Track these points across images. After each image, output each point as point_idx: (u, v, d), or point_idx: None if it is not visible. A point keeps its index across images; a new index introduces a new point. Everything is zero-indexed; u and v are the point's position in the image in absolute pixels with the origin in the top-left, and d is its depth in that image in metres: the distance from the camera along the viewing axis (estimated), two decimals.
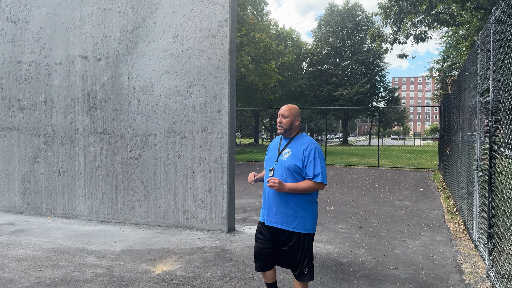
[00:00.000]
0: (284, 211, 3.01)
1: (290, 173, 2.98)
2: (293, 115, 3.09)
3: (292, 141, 3.10)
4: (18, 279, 4.05)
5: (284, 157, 3.04)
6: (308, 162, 2.95)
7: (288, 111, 3.09)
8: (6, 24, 7.11)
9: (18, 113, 7.04)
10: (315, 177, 2.93)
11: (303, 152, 2.98)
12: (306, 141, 3.06)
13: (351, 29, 49.88)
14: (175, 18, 6.11)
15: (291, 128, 3.09)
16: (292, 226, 3.00)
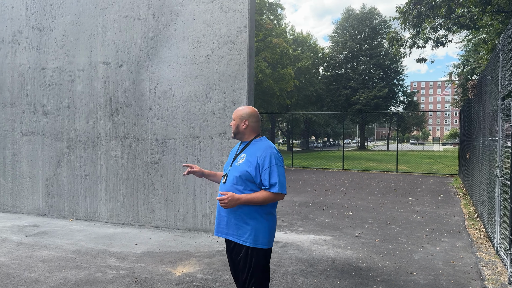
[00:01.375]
0: (235, 222, 2.72)
1: (242, 181, 2.68)
2: (238, 118, 2.80)
3: (250, 145, 2.79)
4: (43, 279, 4.17)
5: (238, 162, 2.75)
6: (263, 170, 2.64)
7: (235, 113, 2.84)
8: (31, 32, 7.34)
9: (42, 118, 7.25)
10: (271, 187, 2.62)
11: (257, 158, 2.66)
12: (262, 146, 2.73)
13: (368, 33, 49.58)
14: (195, 25, 6.22)
15: (239, 132, 2.81)
16: (242, 239, 2.70)
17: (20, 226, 6.50)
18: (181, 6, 6.27)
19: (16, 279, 4.17)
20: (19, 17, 7.45)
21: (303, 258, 4.95)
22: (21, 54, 7.42)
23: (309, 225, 6.86)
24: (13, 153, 7.50)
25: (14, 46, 7.48)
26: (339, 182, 13.64)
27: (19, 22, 7.44)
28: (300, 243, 5.62)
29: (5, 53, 7.56)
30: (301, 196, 10.28)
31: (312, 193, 10.77)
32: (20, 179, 7.45)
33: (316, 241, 5.75)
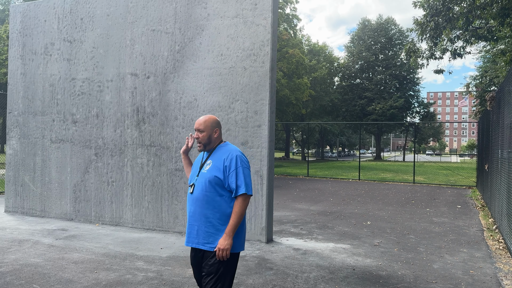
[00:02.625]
0: (206, 230, 2.69)
1: (212, 187, 2.68)
2: (209, 128, 2.79)
3: (214, 151, 2.82)
4: (77, 280, 4.40)
5: (205, 169, 2.75)
6: (230, 173, 2.68)
7: (204, 124, 2.78)
8: (63, 44, 7.71)
9: (71, 126, 7.57)
10: (238, 188, 2.66)
11: (223, 162, 2.70)
12: (227, 150, 2.78)
13: (384, 43, 49.57)
14: (219, 38, 6.48)
15: (210, 142, 2.81)
16: (214, 246, 2.67)
17: (50, 229, 6.79)
18: (206, 20, 6.54)
19: (51, 279, 4.41)
20: (51, 30, 7.83)
21: (324, 265, 5.09)
22: (52, 65, 7.78)
23: (328, 233, 6.99)
24: (43, 159, 7.84)
25: (46, 57, 7.86)
26: (355, 192, 13.70)
27: (51, 35, 7.82)
28: (320, 251, 5.76)
29: (37, 64, 7.95)
30: (318, 205, 10.39)
31: (329, 203, 10.87)
32: (49, 184, 7.77)
33: (335, 249, 5.88)
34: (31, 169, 7.96)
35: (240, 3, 6.32)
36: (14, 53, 8.23)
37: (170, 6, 6.79)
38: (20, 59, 8.15)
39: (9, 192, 8.20)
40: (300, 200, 11.24)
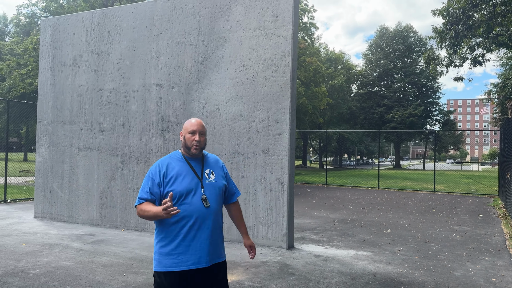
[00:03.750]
0: (221, 241, 2.63)
1: (222, 196, 2.62)
2: (205, 133, 2.62)
3: (205, 160, 2.64)
4: (107, 282, 4.60)
5: (211, 179, 2.57)
6: (228, 179, 2.71)
7: (203, 127, 2.58)
8: (90, 56, 8.04)
9: (98, 134, 7.87)
10: (236, 192, 2.78)
11: (222, 169, 2.68)
12: (214, 157, 2.73)
13: (403, 50, 49.26)
14: (241, 49, 6.68)
15: (204, 147, 2.64)
16: (223, 256, 2.65)
17: (78, 234, 7.04)
18: (229, 32, 6.76)
19: (83, 281, 4.62)
20: (80, 42, 8.18)
21: (345, 271, 5.17)
22: (80, 76, 8.12)
23: (348, 241, 7.05)
24: (71, 167, 8.14)
25: (74, 69, 8.20)
26: (375, 200, 13.66)
27: (80, 47, 8.17)
28: (341, 258, 5.84)
29: (66, 75, 8.30)
30: (337, 213, 10.43)
31: (348, 211, 10.89)
32: (76, 191, 8.06)
33: (356, 256, 5.94)
34: (60, 176, 8.27)
35: (262, 15, 6.52)
36: (44, 64, 8.62)
37: (194, 19, 7.04)
38: (50, 70, 8.52)
39: (38, 198, 8.53)
40: (319, 208, 11.30)
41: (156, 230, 2.52)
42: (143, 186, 2.49)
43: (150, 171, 2.52)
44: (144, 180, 2.52)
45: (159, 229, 2.49)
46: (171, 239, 2.44)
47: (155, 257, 2.49)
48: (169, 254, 2.43)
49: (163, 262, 2.43)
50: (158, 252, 2.47)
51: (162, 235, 2.47)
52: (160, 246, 2.46)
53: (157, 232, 2.50)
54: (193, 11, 7.05)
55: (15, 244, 6.23)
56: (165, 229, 2.45)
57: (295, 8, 6.39)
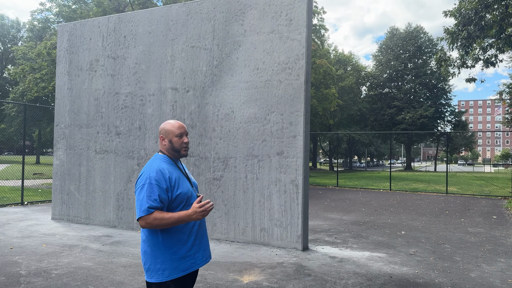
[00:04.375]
0: (206, 239, 2.68)
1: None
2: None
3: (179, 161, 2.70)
4: (128, 282, 4.70)
5: (192, 178, 2.71)
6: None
7: (186, 128, 2.63)
8: (107, 61, 8.20)
9: (115, 138, 8.01)
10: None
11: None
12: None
13: (414, 52, 48.97)
14: (255, 53, 6.77)
15: None
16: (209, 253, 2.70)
17: (96, 236, 7.18)
18: (243, 36, 6.86)
19: (104, 281, 4.73)
20: (96, 47, 8.34)
21: (361, 272, 5.21)
22: (97, 80, 8.28)
23: (363, 242, 7.08)
24: (88, 169, 8.30)
25: (91, 73, 8.37)
26: (387, 202, 13.63)
27: (96, 52, 8.34)
28: (356, 259, 5.88)
29: (83, 79, 8.46)
30: (350, 215, 10.45)
31: (361, 213, 10.90)
32: (93, 193, 8.21)
33: (371, 258, 5.98)
34: (77, 179, 8.43)
35: (275, 19, 6.61)
36: (61, 69, 8.80)
37: (208, 24, 7.15)
38: (67, 75, 8.70)
39: (56, 200, 8.70)
40: (331, 210, 11.32)
41: (160, 239, 2.39)
42: (147, 195, 2.32)
43: (151, 178, 2.36)
44: (145, 189, 2.34)
45: (164, 237, 2.39)
46: (184, 241, 2.43)
47: (164, 267, 2.37)
48: (184, 257, 2.43)
49: (180, 267, 2.40)
50: (170, 259, 2.38)
51: (171, 242, 2.40)
52: (171, 253, 2.39)
53: (162, 240, 2.38)
54: (208, 16, 7.16)
55: (35, 245, 6.38)
56: (174, 235, 2.41)
57: (308, 11, 6.47)
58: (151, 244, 2.40)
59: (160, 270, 2.37)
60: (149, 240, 2.41)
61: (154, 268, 2.38)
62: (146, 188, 2.34)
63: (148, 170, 2.41)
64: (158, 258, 2.38)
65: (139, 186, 2.38)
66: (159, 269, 2.37)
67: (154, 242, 2.40)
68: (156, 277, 2.38)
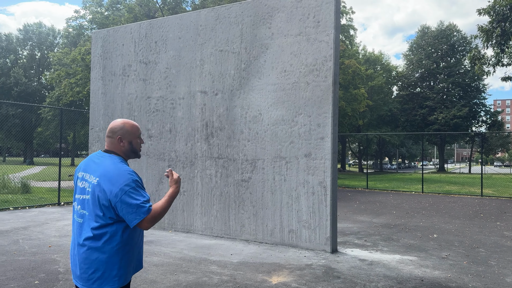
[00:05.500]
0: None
1: None
2: None
3: None
4: (160, 280, 4.84)
5: None
6: None
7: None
8: (139, 66, 8.45)
9: (147, 140, 8.24)
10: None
11: None
12: None
13: (446, 50, 47.66)
14: (283, 55, 6.82)
15: None
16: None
17: None
18: (270, 39, 6.92)
19: (137, 279, 4.89)
20: (129, 53, 8.61)
21: (391, 275, 5.15)
22: (129, 85, 8.54)
23: (393, 245, 6.98)
24: None
25: (124, 78, 8.64)
26: (419, 205, 13.34)
27: (128, 57, 8.60)
28: (386, 262, 5.81)
29: (116, 84, 8.75)
30: (380, 218, 10.30)
31: (392, 215, 10.73)
32: None
33: (402, 261, 5.90)
34: None
35: (303, 21, 6.63)
36: (95, 74, 9.13)
37: (236, 28, 7.25)
38: (101, 80, 9.01)
39: None
40: (361, 213, 11.20)
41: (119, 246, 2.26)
42: (140, 197, 2.22)
43: (132, 181, 2.23)
44: (134, 192, 2.20)
45: (124, 242, 2.28)
46: (133, 247, 2.35)
47: (119, 273, 2.28)
48: (134, 262, 2.38)
49: (130, 273, 2.35)
50: (124, 266, 2.29)
51: (129, 246, 2.31)
52: (126, 260, 2.30)
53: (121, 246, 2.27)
54: (236, 20, 7.27)
55: None
56: (131, 240, 2.32)
57: (336, 13, 6.46)
58: (107, 250, 2.25)
59: (122, 276, 2.28)
60: (106, 246, 2.25)
61: (109, 276, 2.25)
62: (134, 192, 2.21)
63: (125, 173, 2.26)
64: (116, 265, 2.26)
65: (124, 193, 2.19)
66: (119, 275, 2.27)
67: (114, 248, 2.26)
68: (111, 284, 2.26)
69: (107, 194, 2.20)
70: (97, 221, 2.24)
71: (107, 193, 2.20)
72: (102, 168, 2.28)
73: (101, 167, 2.28)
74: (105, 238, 2.24)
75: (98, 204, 2.23)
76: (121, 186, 2.19)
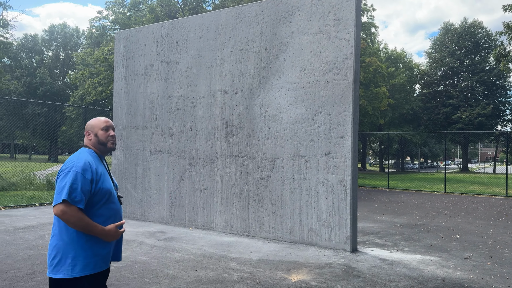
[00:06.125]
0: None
1: None
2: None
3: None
4: (181, 276, 4.93)
5: (114, 179, 2.68)
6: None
7: (112, 123, 2.63)
8: (160, 65, 8.58)
9: (168, 138, 8.37)
10: None
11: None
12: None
13: (470, 48, 46.51)
14: (303, 54, 6.82)
15: None
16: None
17: (150, 232, 7.55)
18: (290, 38, 6.93)
19: (159, 274, 4.99)
20: (151, 53, 8.76)
21: (412, 275, 5.11)
22: (151, 84, 8.69)
23: (415, 245, 6.90)
24: (143, 169, 8.73)
25: (146, 77, 8.79)
26: (442, 205, 13.12)
27: (150, 57, 8.75)
28: (407, 262, 5.76)
29: (138, 83, 8.92)
30: (401, 217, 10.18)
31: (413, 215, 10.59)
32: (148, 191, 8.62)
33: (423, 261, 5.83)
34: (133, 177, 8.89)
35: (323, 19, 6.62)
36: (118, 74, 9.32)
37: (256, 27, 7.29)
38: (123, 79, 9.20)
39: None
40: (382, 212, 11.09)
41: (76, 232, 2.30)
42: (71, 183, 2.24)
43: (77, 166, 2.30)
44: (70, 176, 2.26)
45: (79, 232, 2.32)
46: (99, 240, 2.37)
47: (74, 262, 2.28)
48: (98, 255, 2.37)
49: (90, 264, 2.33)
50: (81, 255, 2.29)
51: (87, 237, 2.33)
52: (86, 248, 2.31)
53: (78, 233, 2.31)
54: (256, 19, 7.31)
55: None
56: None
57: (357, 10, 6.42)
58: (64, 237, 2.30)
59: (71, 266, 2.28)
60: (64, 232, 2.31)
61: (64, 263, 2.28)
62: (70, 176, 2.26)
63: (75, 160, 2.35)
64: (70, 252, 2.29)
65: (62, 174, 2.29)
66: (69, 264, 2.28)
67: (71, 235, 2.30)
68: (64, 272, 2.28)
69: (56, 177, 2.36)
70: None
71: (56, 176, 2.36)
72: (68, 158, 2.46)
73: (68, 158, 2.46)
74: (61, 224, 2.31)
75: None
76: (63, 168, 2.32)
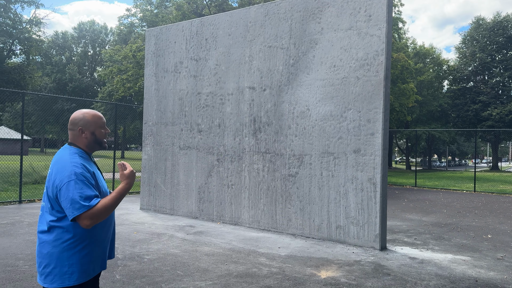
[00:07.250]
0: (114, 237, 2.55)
1: None
2: None
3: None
4: (212, 269, 5.03)
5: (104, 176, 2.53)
6: None
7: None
8: (190, 63, 8.71)
9: (197, 135, 8.50)
10: None
11: None
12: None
13: (503, 42, 44.93)
14: (332, 50, 6.79)
15: None
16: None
17: (180, 226, 7.71)
18: (320, 34, 6.91)
19: (191, 267, 5.11)
20: (180, 50, 8.90)
21: (443, 275, 5.05)
22: (181, 81, 8.83)
23: (445, 245, 6.80)
24: (172, 164, 8.91)
25: (176, 74, 8.94)
26: (471, 204, 12.82)
27: (180, 55, 8.89)
28: (437, 261, 5.69)
29: (168, 80, 9.08)
30: (430, 216, 10.02)
31: (442, 214, 10.40)
32: (177, 186, 8.79)
33: (454, 260, 5.75)
34: (163, 172, 9.08)
35: (354, 15, 6.57)
36: (149, 71, 9.51)
37: (285, 24, 7.30)
38: (154, 76, 9.38)
39: (144, 192, 9.45)
40: (410, 211, 10.94)
41: (72, 241, 2.17)
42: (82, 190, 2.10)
43: (74, 173, 2.13)
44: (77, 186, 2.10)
45: (80, 237, 2.18)
46: (98, 243, 2.27)
47: (71, 270, 2.16)
48: (95, 260, 2.27)
49: (88, 270, 2.22)
50: (79, 262, 2.18)
51: (85, 242, 2.20)
52: (84, 255, 2.20)
53: (75, 241, 2.17)
54: (285, 16, 7.32)
55: (128, 232, 7.02)
56: (90, 236, 2.23)
57: (389, 6, 6.34)
58: (58, 245, 2.16)
59: (75, 273, 2.17)
60: (58, 240, 2.16)
61: (59, 272, 2.16)
62: (78, 186, 2.10)
63: (70, 164, 2.16)
64: (67, 261, 2.16)
65: (63, 184, 2.11)
66: (66, 273, 2.16)
67: (66, 243, 2.17)
68: (61, 282, 2.16)
69: (52, 186, 2.15)
70: (50, 213, 2.18)
71: (52, 185, 2.15)
72: (56, 160, 2.23)
73: (56, 159, 2.23)
74: (57, 231, 2.16)
75: (47, 196, 2.19)
76: (61, 177, 2.12)
